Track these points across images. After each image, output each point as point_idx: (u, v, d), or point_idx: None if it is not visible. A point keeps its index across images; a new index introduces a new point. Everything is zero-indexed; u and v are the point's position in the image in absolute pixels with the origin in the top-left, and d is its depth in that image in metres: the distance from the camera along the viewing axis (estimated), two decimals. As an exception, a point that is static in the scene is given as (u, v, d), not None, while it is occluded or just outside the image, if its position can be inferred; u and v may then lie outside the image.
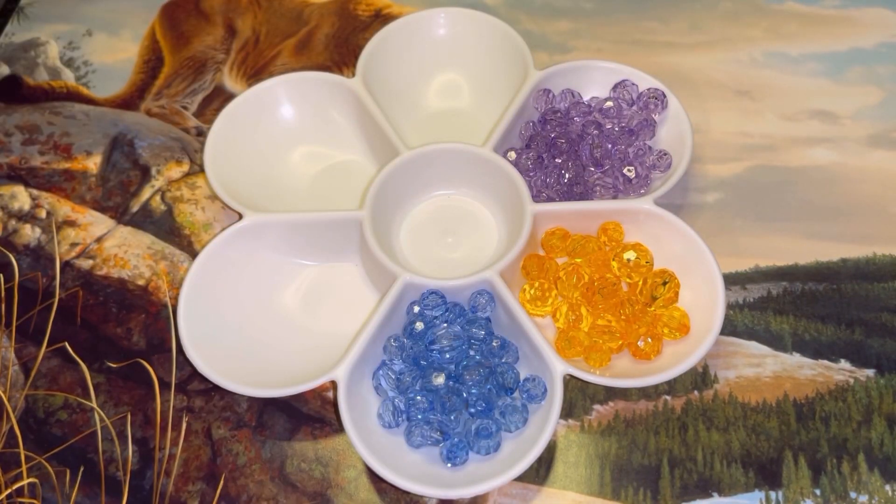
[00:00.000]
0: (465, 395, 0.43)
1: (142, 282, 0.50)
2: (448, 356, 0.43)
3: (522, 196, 0.48)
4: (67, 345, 0.48)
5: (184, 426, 0.45)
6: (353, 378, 0.43)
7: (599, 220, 0.48)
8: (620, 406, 0.46)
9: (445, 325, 0.44)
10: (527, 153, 0.50)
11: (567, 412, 0.45)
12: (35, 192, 0.54)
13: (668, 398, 0.46)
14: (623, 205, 0.48)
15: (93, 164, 0.55)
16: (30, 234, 0.52)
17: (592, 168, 0.50)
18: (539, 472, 0.44)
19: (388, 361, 0.44)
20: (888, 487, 0.43)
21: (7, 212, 0.53)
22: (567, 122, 0.51)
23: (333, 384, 0.43)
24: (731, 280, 0.49)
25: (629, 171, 0.49)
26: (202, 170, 0.53)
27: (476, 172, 0.50)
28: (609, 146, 0.50)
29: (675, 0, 0.62)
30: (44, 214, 0.53)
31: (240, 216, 0.48)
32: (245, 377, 0.44)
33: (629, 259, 0.46)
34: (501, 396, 0.43)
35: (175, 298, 0.49)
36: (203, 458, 0.44)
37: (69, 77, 0.59)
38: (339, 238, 0.48)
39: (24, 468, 0.44)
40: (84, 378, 0.47)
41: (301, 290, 0.49)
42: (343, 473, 0.44)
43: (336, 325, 0.47)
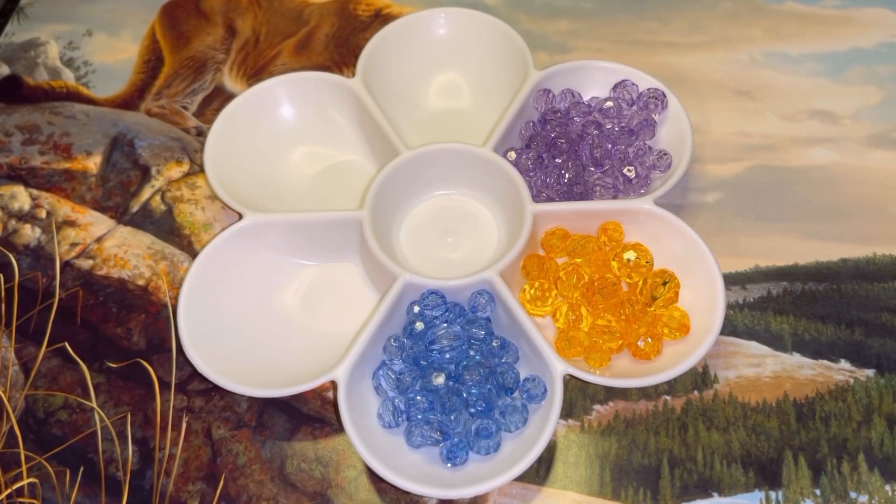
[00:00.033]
0: (465, 395, 0.43)
1: (142, 282, 0.50)
2: (448, 356, 0.43)
3: (522, 196, 0.48)
4: (67, 345, 0.48)
5: (184, 426, 0.45)
6: (353, 378, 0.43)
7: (599, 220, 0.48)
8: (620, 406, 0.46)
9: (445, 325, 0.44)
10: (527, 153, 0.50)
11: (567, 412, 0.45)
12: (35, 192, 0.54)
13: (668, 398, 0.46)
14: (623, 205, 0.48)
15: (93, 164, 0.55)
16: (30, 234, 0.52)
17: (592, 168, 0.50)
18: (539, 472, 0.44)
19: (388, 361, 0.44)
20: (888, 487, 0.43)
21: (7, 212, 0.53)
22: (567, 122, 0.51)
23: (333, 384, 0.43)
24: (731, 280, 0.49)
25: (629, 171, 0.49)
26: (202, 170, 0.53)
27: (476, 172, 0.50)
28: (609, 146, 0.50)
29: (675, 0, 0.62)
30: (44, 214, 0.53)
31: (240, 216, 0.48)
32: (245, 377, 0.44)
33: (629, 259, 0.46)
34: (501, 396, 0.43)
35: (175, 298, 0.49)
36: (203, 458, 0.44)
37: (69, 77, 0.59)
38: (339, 238, 0.48)
39: (24, 468, 0.44)
40: (84, 378, 0.47)
41: (301, 290, 0.49)
42: (343, 473, 0.44)
43: (336, 325, 0.47)
